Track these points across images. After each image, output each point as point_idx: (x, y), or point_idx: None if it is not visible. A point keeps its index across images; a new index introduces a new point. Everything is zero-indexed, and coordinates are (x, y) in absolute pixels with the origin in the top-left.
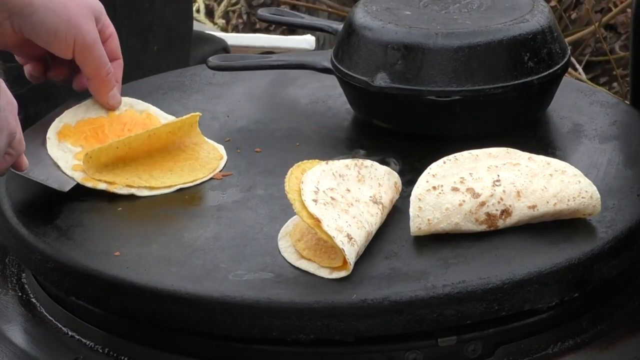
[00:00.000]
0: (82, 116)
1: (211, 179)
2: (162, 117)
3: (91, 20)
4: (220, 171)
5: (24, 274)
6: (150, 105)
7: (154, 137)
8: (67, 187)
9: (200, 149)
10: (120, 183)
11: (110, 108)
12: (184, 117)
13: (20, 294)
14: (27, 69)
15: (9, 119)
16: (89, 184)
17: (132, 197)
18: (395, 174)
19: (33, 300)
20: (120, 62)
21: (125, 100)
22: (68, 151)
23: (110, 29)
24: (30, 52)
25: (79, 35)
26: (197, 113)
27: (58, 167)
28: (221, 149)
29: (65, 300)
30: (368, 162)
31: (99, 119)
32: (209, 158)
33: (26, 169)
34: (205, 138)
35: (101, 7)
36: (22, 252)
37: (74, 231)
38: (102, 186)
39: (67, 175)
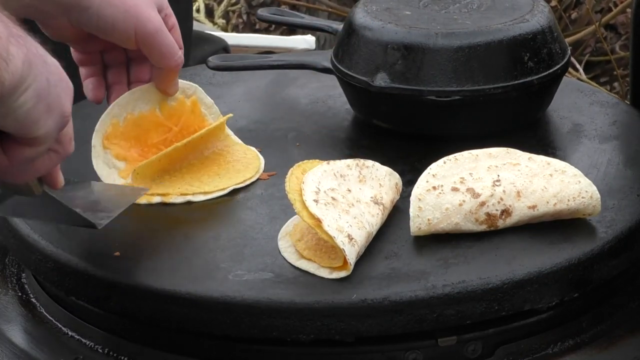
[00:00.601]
0: (132, 107)
1: (258, 179)
2: (203, 105)
3: (152, 8)
4: (264, 170)
5: (24, 274)
6: (197, 88)
7: (189, 146)
8: (101, 224)
9: (235, 151)
10: (174, 193)
11: (167, 95)
12: (217, 121)
13: (20, 294)
14: (88, 86)
15: (61, 97)
16: (143, 200)
17: None
18: (397, 175)
19: (33, 300)
20: (181, 53)
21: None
22: (113, 167)
23: (173, 19)
24: (90, 47)
25: (139, 24)
26: (229, 115)
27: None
28: (252, 148)
29: (65, 300)
30: (369, 162)
31: (149, 116)
32: (247, 158)
33: (60, 188)
34: (233, 138)
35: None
36: (22, 252)
37: (74, 231)
38: (157, 199)
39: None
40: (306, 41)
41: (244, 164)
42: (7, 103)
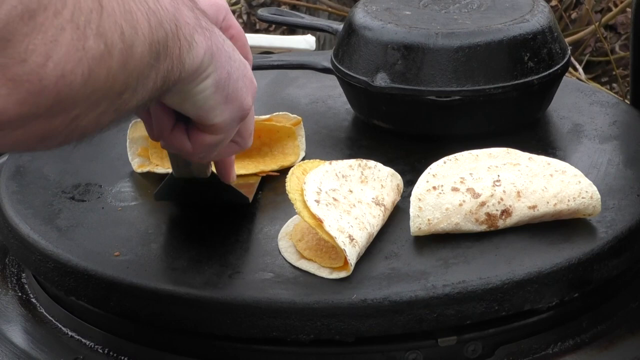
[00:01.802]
0: None
1: (254, 174)
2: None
3: None
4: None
5: (24, 274)
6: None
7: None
8: (250, 199)
9: (276, 157)
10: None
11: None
12: (264, 117)
13: (20, 294)
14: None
15: (241, 91)
16: (146, 169)
17: (132, 198)
18: (398, 176)
19: (33, 300)
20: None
21: None
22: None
23: (232, 30)
24: None
25: None
26: (298, 118)
27: None
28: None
29: (65, 300)
30: (372, 162)
31: None
32: (270, 161)
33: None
34: (300, 151)
35: (219, 9)
36: (22, 252)
37: (74, 231)
38: (160, 169)
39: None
40: (306, 41)
41: (258, 164)
42: (187, 87)
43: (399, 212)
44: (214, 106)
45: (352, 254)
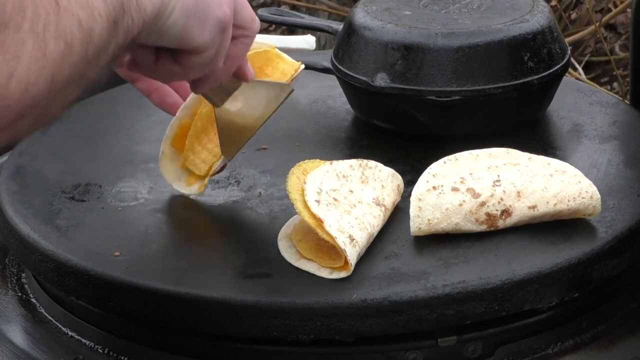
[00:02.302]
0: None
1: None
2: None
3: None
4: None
5: (24, 274)
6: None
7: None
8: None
9: (279, 77)
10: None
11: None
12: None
13: (20, 294)
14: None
15: (212, 6)
16: (187, 192)
17: (132, 198)
18: (399, 176)
19: (33, 300)
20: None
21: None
22: (177, 160)
23: None
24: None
25: None
26: (270, 47)
27: None
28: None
29: (65, 300)
30: (372, 162)
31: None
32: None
33: (252, 80)
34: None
35: None
36: (22, 252)
37: (74, 231)
38: (194, 188)
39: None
40: (306, 41)
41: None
42: (156, 27)
43: (399, 212)
44: (190, 33)
45: (352, 254)
